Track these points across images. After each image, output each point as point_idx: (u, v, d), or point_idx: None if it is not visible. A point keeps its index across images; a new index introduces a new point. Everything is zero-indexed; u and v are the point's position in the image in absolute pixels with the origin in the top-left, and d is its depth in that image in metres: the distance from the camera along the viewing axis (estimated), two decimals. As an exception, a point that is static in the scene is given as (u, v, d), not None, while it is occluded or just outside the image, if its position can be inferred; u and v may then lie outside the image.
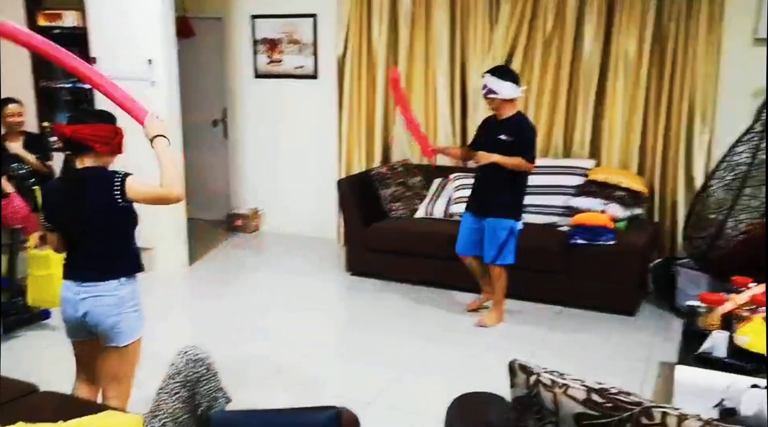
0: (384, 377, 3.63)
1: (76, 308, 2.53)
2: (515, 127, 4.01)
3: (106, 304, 2.50)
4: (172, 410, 2.00)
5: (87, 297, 2.50)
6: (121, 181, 2.46)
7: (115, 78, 5.27)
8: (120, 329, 2.53)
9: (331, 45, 5.86)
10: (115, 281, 2.52)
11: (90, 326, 2.55)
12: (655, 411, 1.64)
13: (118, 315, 2.52)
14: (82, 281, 2.51)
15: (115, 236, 2.56)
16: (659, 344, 4.02)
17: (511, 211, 4.12)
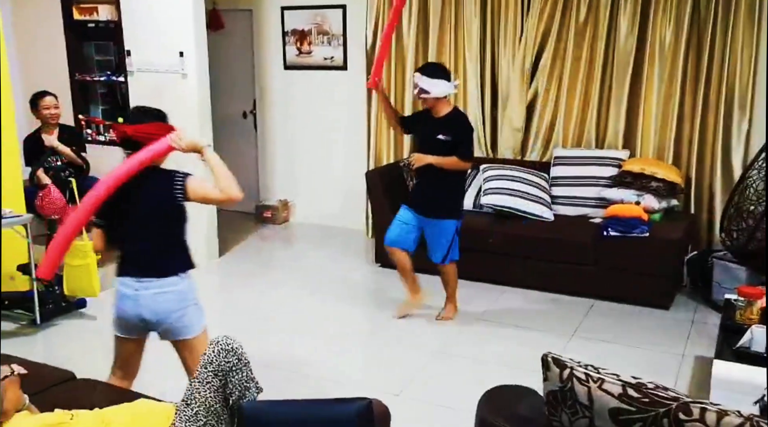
0: (412, 368, 3.62)
1: (137, 303, 2.52)
2: (453, 125, 3.88)
3: (169, 299, 2.52)
4: (205, 399, 2.02)
5: (148, 293, 2.51)
6: (183, 181, 2.51)
7: (148, 70, 5.43)
8: (184, 322, 2.56)
9: (360, 36, 5.84)
10: (175, 277, 2.55)
11: (151, 322, 2.55)
12: (694, 407, 1.60)
13: (182, 309, 2.55)
14: (142, 276, 2.51)
15: (174, 232, 2.59)
16: (695, 339, 3.94)
17: (455, 212, 4.03)
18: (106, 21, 5.50)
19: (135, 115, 2.64)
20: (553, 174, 5.09)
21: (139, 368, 2.79)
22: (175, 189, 2.50)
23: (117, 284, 2.58)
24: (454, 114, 3.93)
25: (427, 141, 3.93)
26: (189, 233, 5.67)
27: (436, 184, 3.94)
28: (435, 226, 4.02)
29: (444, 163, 3.86)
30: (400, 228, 4.11)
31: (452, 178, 3.96)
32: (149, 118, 2.57)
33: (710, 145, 4.74)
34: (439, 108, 3.89)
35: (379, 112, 5.74)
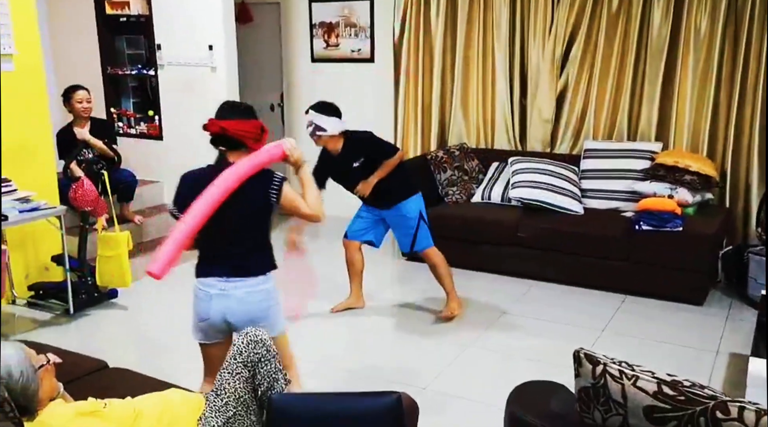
0: (439, 362, 3.61)
1: (223, 304, 2.43)
2: (356, 148, 3.84)
3: (257, 299, 2.46)
4: (234, 390, 2.04)
5: (237, 293, 2.42)
6: (280, 184, 2.47)
7: (178, 64, 5.48)
8: (269, 322, 2.47)
9: (387, 28, 5.81)
10: (263, 276, 2.49)
11: (235, 323, 2.44)
12: (732, 406, 1.56)
13: (267, 309, 2.49)
14: (231, 276, 2.43)
15: (263, 232, 2.53)
16: (729, 335, 3.86)
17: (407, 190, 3.98)
18: (137, 15, 5.56)
19: (226, 110, 2.48)
20: (583, 167, 5.01)
21: None
22: (272, 190, 2.45)
23: (197, 285, 2.49)
24: (351, 139, 3.85)
25: (350, 177, 3.90)
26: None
27: (382, 186, 3.91)
28: (395, 212, 3.99)
29: (385, 173, 3.87)
30: (359, 221, 4.12)
31: (391, 174, 3.93)
32: (242, 114, 2.47)
33: (747, 138, 4.62)
34: (334, 144, 3.83)
35: (406, 112, 5.72)
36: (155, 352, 3.87)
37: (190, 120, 5.45)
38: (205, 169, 2.53)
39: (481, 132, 5.57)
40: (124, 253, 4.19)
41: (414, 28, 5.60)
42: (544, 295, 4.53)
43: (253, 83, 6.55)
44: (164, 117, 5.60)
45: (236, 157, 2.45)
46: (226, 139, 2.41)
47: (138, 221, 5.13)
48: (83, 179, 4.21)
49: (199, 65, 5.25)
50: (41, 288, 4.32)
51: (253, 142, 2.43)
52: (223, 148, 2.45)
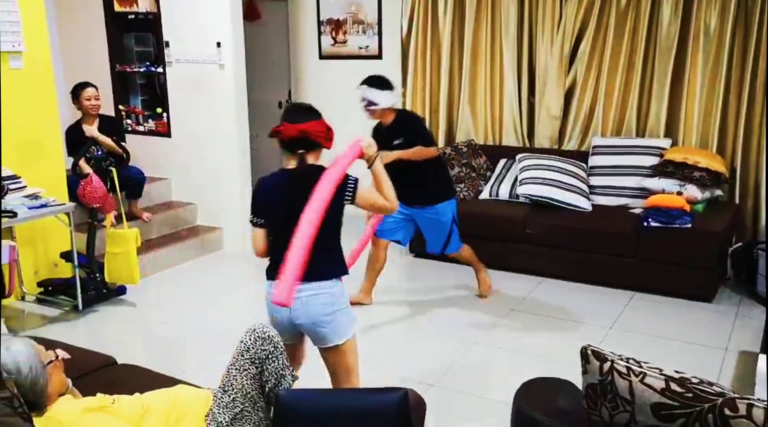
0: (447, 359, 3.60)
1: (292, 308, 2.39)
2: (402, 127, 3.95)
3: (322, 302, 2.41)
4: (241, 386, 2.05)
5: (302, 296, 2.38)
6: (355, 186, 2.43)
7: (186, 61, 5.50)
8: (335, 327, 2.44)
9: (395, 25, 5.80)
10: (330, 281, 2.44)
11: (303, 326, 2.44)
12: (740, 403, 1.55)
13: (333, 313, 2.44)
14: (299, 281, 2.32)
15: (334, 235, 2.49)
16: (738, 332, 3.84)
17: (444, 194, 4.09)
18: (146, 12, 5.58)
19: (297, 112, 2.48)
20: (591, 163, 4.99)
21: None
22: (347, 193, 2.42)
23: (267, 287, 2.49)
24: (400, 116, 3.99)
25: (387, 149, 3.87)
26: (227, 220, 5.78)
27: (415, 175, 3.93)
28: (429, 213, 4.05)
29: (408, 155, 3.89)
30: (390, 220, 4.08)
31: (427, 166, 3.98)
32: (311, 115, 2.46)
33: (757, 134, 4.59)
34: (386, 118, 3.96)
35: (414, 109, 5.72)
36: (164, 348, 3.89)
37: (198, 117, 5.47)
38: (281, 173, 2.50)
39: (489, 129, 5.55)
40: (133, 250, 4.21)
41: (422, 25, 5.59)
42: (553, 291, 4.51)
43: (261, 81, 6.56)
44: (172, 114, 5.62)
45: (314, 158, 2.48)
46: (306, 141, 2.41)
47: (146, 218, 5.16)
48: (92, 176, 4.23)
49: (207, 62, 5.26)
50: (50, 284, 4.35)
51: (327, 141, 2.46)
52: (302, 150, 2.43)
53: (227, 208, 5.51)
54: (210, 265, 5.26)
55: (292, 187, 2.39)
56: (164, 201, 5.65)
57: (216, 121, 5.38)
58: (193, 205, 5.65)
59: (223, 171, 5.45)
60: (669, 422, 1.63)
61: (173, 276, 4.97)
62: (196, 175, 5.58)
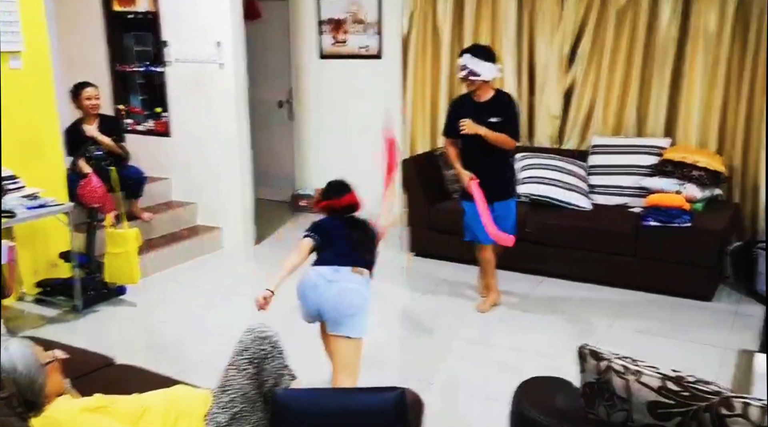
0: (446, 358, 3.61)
1: (322, 291, 2.75)
2: (502, 107, 3.85)
3: (352, 298, 2.76)
4: (240, 386, 2.05)
5: (338, 283, 2.75)
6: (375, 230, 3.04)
7: (186, 61, 5.49)
8: (356, 321, 2.76)
9: (395, 24, 5.80)
10: (364, 276, 2.85)
11: (328, 311, 2.76)
12: (736, 402, 1.55)
13: (360, 309, 2.77)
14: (340, 264, 2.81)
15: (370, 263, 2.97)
16: (737, 331, 3.84)
17: (514, 190, 4.15)
18: (145, 12, 5.58)
19: (341, 188, 3.06)
20: (591, 163, 4.99)
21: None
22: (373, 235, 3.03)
23: (309, 272, 2.81)
24: (500, 95, 3.90)
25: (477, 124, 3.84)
26: (226, 219, 5.77)
27: (496, 167, 3.95)
28: (504, 208, 4.01)
29: (495, 138, 3.82)
30: (478, 224, 3.94)
31: (506, 157, 3.99)
32: (349, 189, 3.04)
33: (756, 133, 4.58)
34: (483, 91, 3.84)
35: (414, 108, 5.72)
36: (164, 348, 3.89)
37: (197, 117, 5.47)
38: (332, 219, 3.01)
39: (489, 128, 5.54)
40: (133, 250, 4.22)
41: (422, 25, 5.59)
42: (552, 290, 4.52)
43: (261, 80, 6.56)
44: (172, 114, 5.62)
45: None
46: (351, 208, 3.03)
47: (146, 218, 5.16)
48: (91, 176, 4.23)
49: (207, 62, 5.27)
50: (49, 285, 4.35)
51: (360, 208, 3.03)
52: (348, 214, 3.02)
53: (227, 208, 5.52)
54: (210, 265, 5.26)
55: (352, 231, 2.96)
56: (164, 201, 5.65)
57: (216, 121, 5.38)
58: (193, 204, 5.65)
59: (223, 170, 5.45)
60: (665, 421, 1.63)
61: (173, 276, 4.97)
62: (196, 174, 5.58)
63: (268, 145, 6.72)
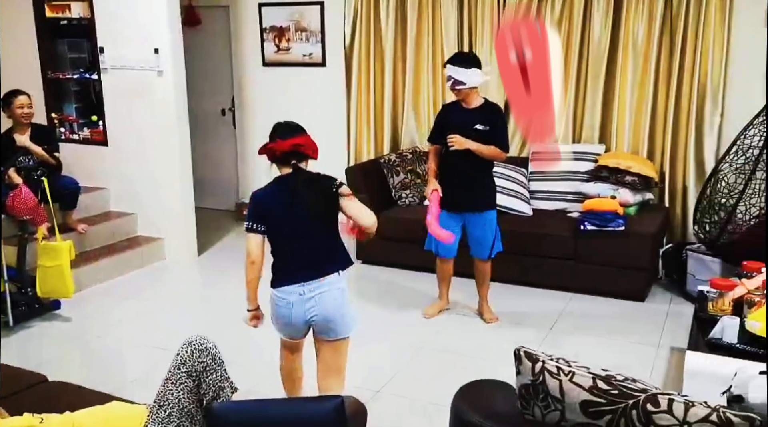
0: (393, 365, 3.62)
1: (305, 308, 2.60)
2: (489, 115, 3.81)
3: (334, 297, 2.61)
4: (178, 400, 2.01)
5: (314, 295, 2.59)
6: (339, 183, 2.67)
7: (122, 67, 5.36)
8: (346, 321, 2.68)
9: (339, 32, 5.82)
10: (335, 274, 2.63)
11: (316, 322, 2.64)
12: (662, 398, 1.62)
13: (344, 306, 2.65)
14: (306, 280, 2.59)
15: (332, 232, 2.69)
16: (670, 330, 4.00)
17: (495, 202, 4.03)
18: (79, 18, 5.42)
19: (288, 130, 2.71)
20: (531, 169, 5.12)
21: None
22: (334, 189, 2.65)
23: (276, 294, 2.64)
24: (488, 104, 3.87)
25: (463, 133, 3.78)
26: (168, 230, 5.64)
27: (477, 177, 3.88)
28: (481, 219, 3.95)
29: (485, 152, 3.78)
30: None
31: (488, 168, 3.93)
32: (301, 131, 2.71)
33: (683, 139, 4.80)
34: (471, 99, 3.81)
35: (359, 115, 5.75)
36: (101, 364, 3.77)
37: (136, 125, 5.35)
38: (279, 181, 2.68)
39: (432, 135, 5.62)
40: (66, 263, 4.08)
41: (365, 33, 5.63)
42: (496, 295, 4.57)
43: (203, 88, 6.47)
44: (109, 122, 5.47)
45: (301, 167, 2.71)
46: (298, 154, 2.65)
47: (82, 230, 5.00)
48: (22, 187, 4.08)
49: (145, 69, 5.16)
50: (-21, 300, 4.16)
51: (313, 154, 2.69)
52: (295, 160, 2.66)
53: (169, 218, 5.40)
54: (151, 276, 5.14)
55: (294, 189, 2.61)
56: (102, 211, 5.49)
57: (155, 129, 5.27)
58: (133, 215, 5.51)
59: (164, 180, 5.33)
60: (597, 419, 1.69)
61: (112, 289, 4.83)
62: (136, 184, 5.44)
63: (211, 153, 6.62)
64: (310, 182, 2.64)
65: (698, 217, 4.27)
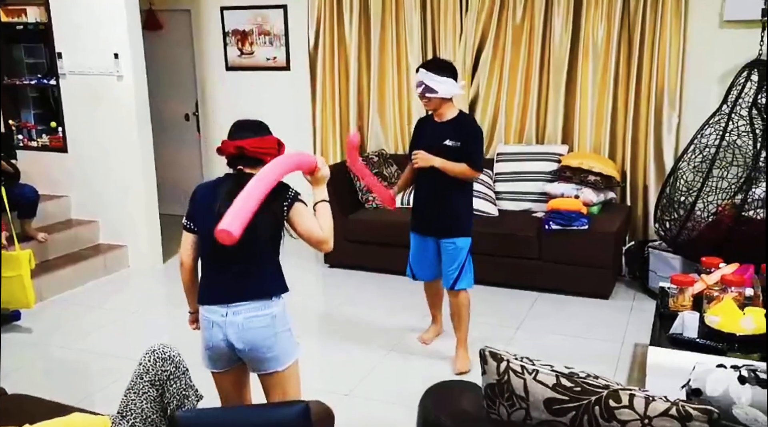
0: (362, 367, 3.62)
1: (226, 331, 2.22)
2: (462, 130, 3.39)
3: (262, 325, 2.23)
4: (141, 410, 1.98)
5: (238, 319, 2.22)
6: (293, 199, 2.27)
7: (81, 73, 5.25)
8: (276, 352, 2.27)
9: (302, 36, 5.80)
10: (267, 300, 2.26)
11: (241, 350, 2.25)
12: (623, 394, 1.65)
13: (273, 336, 2.26)
14: (230, 302, 2.22)
15: (269, 252, 2.30)
16: (633, 326, 4.07)
17: (467, 229, 3.56)
18: (36, 23, 5.30)
19: (239, 129, 2.37)
20: (496, 170, 5.17)
21: None
22: (284, 205, 2.25)
23: (201, 311, 2.29)
24: (461, 117, 3.46)
25: (432, 148, 3.39)
26: (132, 237, 5.53)
27: (446, 197, 3.46)
28: (447, 245, 3.51)
29: (451, 170, 3.36)
30: (422, 257, 3.65)
31: (459, 188, 3.47)
32: (259, 131, 2.35)
33: (643, 139, 4.90)
34: (443, 111, 3.40)
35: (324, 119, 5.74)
36: (63, 375, 3.69)
37: (97, 131, 5.25)
38: (219, 179, 2.37)
39: (399, 138, 5.64)
40: (26, 272, 3.98)
41: (329, 36, 5.62)
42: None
43: (166, 93, 6.38)
44: (69, 128, 5.36)
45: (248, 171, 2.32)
46: (245, 158, 2.30)
47: (42, 238, 4.88)
48: (-22, 196, 3.97)
49: (105, 74, 5.07)
50: (-66, 313, 4.03)
51: (269, 158, 2.29)
52: (241, 166, 2.31)
53: (132, 225, 5.31)
54: (115, 285, 5.04)
55: (220, 189, 2.26)
56: (63, 219, 5.37)
57: (117, 135, 5.18)
58: (95, 222, 5.40)
59: (127, 186, 5.24)
60: (560, 416, 1.71)
61: (74, 298, 4.73)
62: (98, 191, 5.34)
63: (175, 158, 6.53)
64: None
65: (659, 215, 4.36)
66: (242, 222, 1.95)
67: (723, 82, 4.51)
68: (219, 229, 1.93)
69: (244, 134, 2.33)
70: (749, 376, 1.67)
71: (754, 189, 3.94)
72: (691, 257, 4.09)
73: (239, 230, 1.94)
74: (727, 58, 4.56)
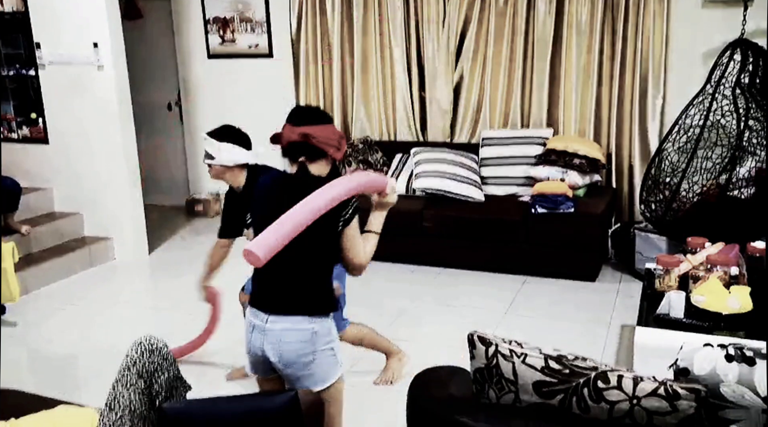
0: (352, 354, 3.60)
1: (264, 338, 2.10)
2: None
3: (295, 339, 2.08)
4: (129, 402, 1.96)
5: (275, 328, 2.09)
6: (354, 210, 2.09)
7: (60, 63, 5.17)
8: (312, 370, 2.10)
9: (284, 22, 5.74)
10: (308, 316, 2.10)
11: (274, 364, 2.12)
12: (611, 375, 1.66)
13: (311, 354, 2.09)
14: (273, 311, 2.10)
15: (324, 264, 2.15)
16: (620, 308, 4.10)
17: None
18: (12, 12, 5.19)
19: (301, 114, 2.19)
20: (482, 155, 5.16)
21: None
22: (343, 215, 2.06)
23: (248, 313, 2.18)
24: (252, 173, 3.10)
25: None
26: (116, 228, 5.46)
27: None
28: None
29: None
30: None
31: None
32: (321, 119, 2.17)
33: (627, 121, 4.91)
34: (232, 178, 3.10)
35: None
36: (49, 369, 3.66)
37: (78, 122, 5.17)
38: (279, 176, 2.23)
39: (384, 124, 5.62)
40: (10, 266, 3.93)
41: (311, 23, 5.57)
42: (451, 281, 4.63)
43: (148, 82, 6.30)
44: (49, 119, 5.28)
45: (318, 170, 2.17)
46: (308, 148, 2.11)
47: (25, 231, 4.82)
48: (-42, 190, 3.91)
49: (84, 64, 4.99)
50: None
51: (335, 151, 2.15)
52: (304, 158, 2.13)
53: (116, 217, 5.25)
54: (100, 277, 5.00)
55: (285, 194, 2.07)
56: (46, 212, 5.30)
57: (98, 125, 5.11)
58: (78, 214, 5.34)
59: (110, 177, 5.18)
60: (549, 399, 1.72)
61: (59, 291, 4.68)
62: (81, 183, 5.27)
63: (159, 148, 6.46)
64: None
65: (644, 196, 4.38)
66: (273, 248, 1.81)
67: (706, 62, 4.51)
68: (246, 249, 1.80)
69: (309, 121, 2.14)
70: (736, 354, 1.68)
71: (739, 168, 3.96)
72: (677, 238, 4.11)
73: (268, 255, 1.80)
74: (710, 39, 4.57)
